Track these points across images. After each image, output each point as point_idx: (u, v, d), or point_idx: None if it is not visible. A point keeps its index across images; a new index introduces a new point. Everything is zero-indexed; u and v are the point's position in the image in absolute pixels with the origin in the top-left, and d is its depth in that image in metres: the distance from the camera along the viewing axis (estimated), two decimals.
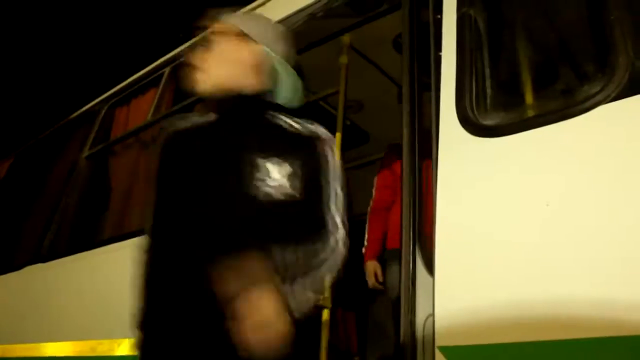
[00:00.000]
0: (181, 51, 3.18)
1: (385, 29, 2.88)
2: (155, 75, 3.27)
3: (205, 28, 1.53)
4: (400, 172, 1.82)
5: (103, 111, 3.59)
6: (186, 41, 3.20)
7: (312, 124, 1.49)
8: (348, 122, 3.43)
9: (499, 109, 1.61)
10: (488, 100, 1.63)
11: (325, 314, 2.36)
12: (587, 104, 1.37)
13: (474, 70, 1.66)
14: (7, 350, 3.18)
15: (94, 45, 8.36)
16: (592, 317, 1.25)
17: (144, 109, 3.21)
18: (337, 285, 2.30)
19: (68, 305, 2.88)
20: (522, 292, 1.36)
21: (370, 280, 2.87)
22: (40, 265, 3.22)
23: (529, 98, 1.59)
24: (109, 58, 7.97)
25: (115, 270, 2.68)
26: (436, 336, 1.44)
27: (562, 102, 1.51)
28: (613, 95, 1.34)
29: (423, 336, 1.56)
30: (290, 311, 1.21)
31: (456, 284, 1.47)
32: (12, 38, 8.33)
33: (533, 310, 1.33)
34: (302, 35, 2.68)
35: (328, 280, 1.40)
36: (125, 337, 2.38)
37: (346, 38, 2.99)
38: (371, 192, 3.26)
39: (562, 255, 1.33)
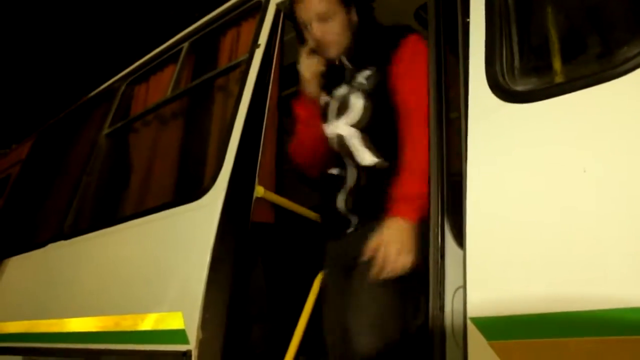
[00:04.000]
0: (199, 26, 3.15)
1: (406, 1, 2.82)
2: (174, 51, 3.23)
3: None
4: None
5: (122, 88, 3.57)
6: (203, 17, 3.17)
7: None
8: None
9: (531, 74, 1.56)
10: (519, 65, 1.58)
11: None
12: (627, 66, 1.31)
13: (504, 35, 1.60)
14: (32, 326, 3.23)
15: (111, 23, 8.35)
16: (630, 288, 1.21)
17: (163, 85, 3.19)
18: None
19: (91, 282, 2.90)
20: (557, 262, 1.32)
21: None
22: (63, 242, 3.25)
23: (562, 61, 1.54)
24: (126, 35, 7.96)
25: (136, 247, 2.69)
26: (468, 307, 1.41)
27: (599, 65, 1.45)
28: None
29: (452, 307, 1.54)
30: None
31: (489, 255, 1.43)
32: (32, 17, 8.35)
33: (568, 280, 1.30)
34: None
35: None
36: (148, 312, 2.39)
37: None
38: None
39: (599, 223, 1.28)
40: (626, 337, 1.20)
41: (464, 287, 1.44)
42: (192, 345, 2.05)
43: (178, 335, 2.13)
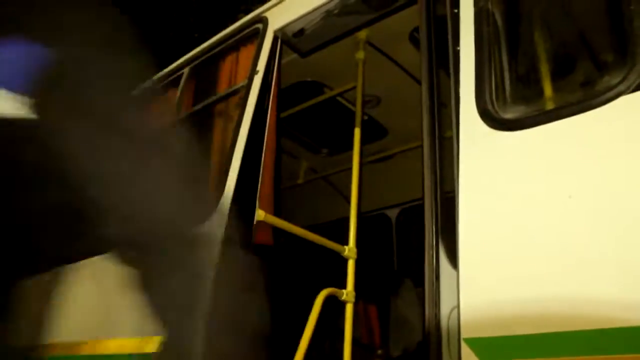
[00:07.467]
0: (199, 52, 3.21)
1: (401, 24, 2.88)
2: (175, 76, 3.29)
3: None
4: None
5: None
6: (203, 41, 3.23)
7: None
8: (366, 117, 3.45)
9: (519, 102, 1.62)
10: (508, 94, 1.64)
11: (349, 309, 2.38)
12: (609, 95, 1.37)
13: (493, 64, 1.66)
14: (52, 348, 3.22)
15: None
16: (618, 308, 1.25)
17: (164, 109, 3.23)
18: (358, 279, 2.34)
19: (109, 303, 2.90)
20: (547, 284, 1.37)
21: None
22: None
23: (549, 90, 1.60)
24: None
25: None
26: (462, 328, 1.45)
27: (583, 94, 1.51)
28: (635, 85, 1.34)
29: (448, 328, 1.57)
30: None
31: (481, 277, 1.47)
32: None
33: (558, 301, 1.34)
34: (319, 33, 2.70)
35: None
36: (153, 335, 2.41)
37: (362, 34, 2.99)
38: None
39: (585, 247, 1.33)
40: (619, 356, 1.24)
41: (458, 307, 1.48)
42: None
43: None
